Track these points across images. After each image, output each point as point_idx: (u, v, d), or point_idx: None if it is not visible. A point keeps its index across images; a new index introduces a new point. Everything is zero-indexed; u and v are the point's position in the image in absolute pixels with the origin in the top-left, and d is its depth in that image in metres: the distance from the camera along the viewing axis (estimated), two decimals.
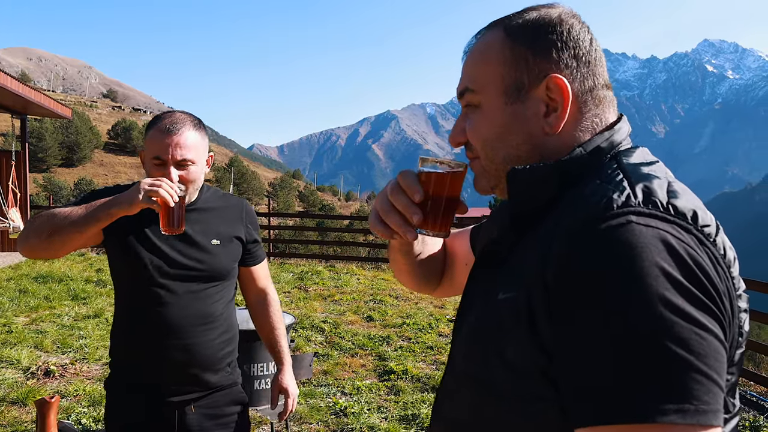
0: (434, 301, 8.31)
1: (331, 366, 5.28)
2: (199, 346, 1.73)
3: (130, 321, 1.76)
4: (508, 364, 0.73)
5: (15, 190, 10.09)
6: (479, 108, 0.85)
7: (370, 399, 4.54)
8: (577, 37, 0.82)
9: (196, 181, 1.73)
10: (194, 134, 1.70)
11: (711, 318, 0.62)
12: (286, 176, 60.80)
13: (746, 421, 4.68)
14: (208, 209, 1.81)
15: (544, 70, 0.80)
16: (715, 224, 0.71)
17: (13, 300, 7.13)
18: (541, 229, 0.76)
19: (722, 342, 0.62)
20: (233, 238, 1.83)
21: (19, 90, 9.36)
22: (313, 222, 22.46)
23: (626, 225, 0.65)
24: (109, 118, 61.60)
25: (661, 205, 0.68)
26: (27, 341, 5.56)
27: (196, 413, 1.75)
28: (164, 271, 1.71)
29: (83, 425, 3.86)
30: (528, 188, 0.80)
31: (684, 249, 0.64)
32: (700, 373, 0.59)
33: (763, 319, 5.51)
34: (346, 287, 8.94)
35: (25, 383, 4.57)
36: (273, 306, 1.99)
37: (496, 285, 0.78)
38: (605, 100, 0.83)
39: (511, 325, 0.72)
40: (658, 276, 0.61)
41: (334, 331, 6.39)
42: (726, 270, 0.68)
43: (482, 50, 0.85)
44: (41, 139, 38.02)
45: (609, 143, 0.80)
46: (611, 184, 0.72)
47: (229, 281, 1.84)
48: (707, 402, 0.58)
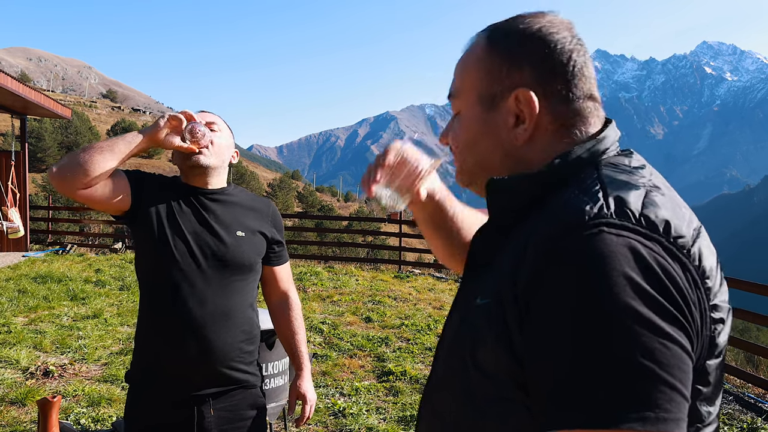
0: (433, 302, 8.32)
1: (329, 367, 5.28)
2: (217, 339, 1.71)
3: (151, 311, 1.77)
4: (481, 369, 0.75)
5: (14, 190, 10.08)
6: (461, 115, 0.90)
7: (368, 400, 4.55)
8: (555, 50, 0.82)
9: (221, 148, 1.81)
10: (220, 119, 1.87)
11: (677, 328, 0.63)
12: (285, 177, 60.79)
13: (744, 423, 4.69)
14: (235, 203, 1.85)
15: (516, 82, 0.83)
16: (692, 234, 0.71)
17: (12, 300, 7.13)
18: (518, 237, 0.77)
19: (688, 352, 0.63)
20: (257, 232, 1.85)
21: (19, 90, 9.36)
22: (312, 223, 22.46)
23: (597, 235, 0.66)
24: (108, 119, 61.55)
25: (633, 216, 0.69)
26: (26, 341, 5.56)
27: (215, 415, 1.73)
28: (187, 257, 1.72)
29: (82, 425, 3.87)
30: (505, 197, 0.83)
31: (653, 258, 0.65)
32: (663, 382, 0.60)
33: (761, 321, 5.52)
34: (344, 288, 8.95)
35: (24, 383, 4.57)
36: (294, 310, 2.00)
37: (475, 290, 0.81)
38: (586, 112, 0.84)
39: (484, 332, 0.74)
40: (624, 285, 0.63)
41: (333, 332, 6.39)
42: (699, 280, 0.68)
43: (466, 58, 0.89)
44: (41, 139, 37.95)
45: (590, 153, 0.81)
46: (586, 194, 0.72)
47: (252, 277, 1.84)
48: (669, 410, 0.59)
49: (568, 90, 0.82)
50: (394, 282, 9.74)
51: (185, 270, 1.71)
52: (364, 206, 55.02)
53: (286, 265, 2.00)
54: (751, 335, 15.38)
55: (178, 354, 1.70)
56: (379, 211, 1.00)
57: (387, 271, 11.31)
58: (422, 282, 10.02)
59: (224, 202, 1.82)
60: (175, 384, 1.72)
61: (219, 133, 1.82)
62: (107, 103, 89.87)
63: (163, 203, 1.76)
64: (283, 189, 50.02)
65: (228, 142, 1.85)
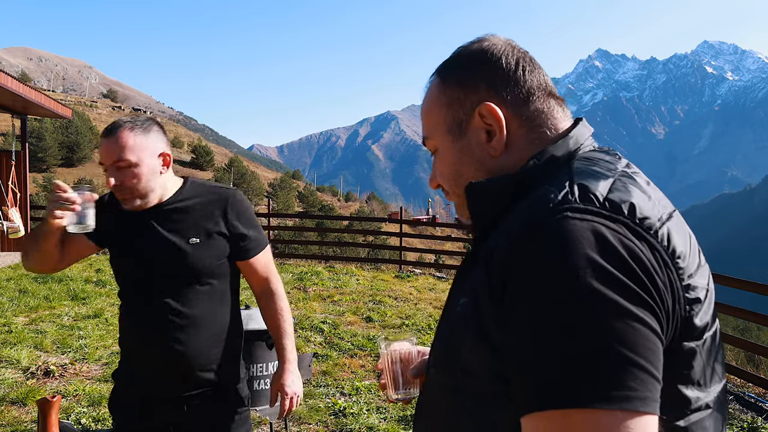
0: (433, 302, 8.32)
1: (330, 366, 5.29)
2: (184, 347, 1.72)
3: (121, 322, 1.84)
4: (466, 369, 0.76)
5: (15, 190, 10.09)
6: (437, 152, 0.93)
7: (369, 399, 4.55)
8: (501, 61, 0.86)
9: (141, 181, 1.69)
10: (130, 135, 1.67)
11: (642, 308, 0.64)
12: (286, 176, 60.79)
13: (744, 423, 4.69)
14: (186, 207, 1.77)
15: (476, 101, 0.86)
16: (659, 216, 0.72)
17: (13, 300, 7.13)
18: (494, 236, 0.78)
19: (655, 331, 0.64)
20: (215, 234, 1.77)
21: (20, 90, 9.36)
22: (313, 222, 22.46)
23: (561, 221, 0.67)
24: (109, 118, 61.53)
25: (597, 199, 0.70)
26: (27, 341, 5.57)
27: (190, 413, 1.77)
28: (139, 274, 1.74)
29: (83, 425, 3.87)
30: (483, 199, 0.85)
31: (618, 240, 0.66)
32: (628, 361, 0.61)
33: (762, 320, 5.52)
34: (345, 288, 8.95)
35: (24, 383, 4.58)
36: (276, 300, 1.91)
37: (458, 294, 0.84)
38: (549, 109, 0.87)
39: (465, 331, 0.76)
40: (587, 267, 0.64)
41: (334, 332, 6.40)
42: (669, 260, 0.69)
43: (426, 100, 0.94)
44: (41, 139, 37.97)
45: (564, 150, 0.83)
46: (554, 186, 0.74)
47: (218, 280, 1.79)
48: (634, 389, 0.60)
49: (525, 91, 0.85)
50: (394, 282, 9.74)
51: (141, 285, 1.75)
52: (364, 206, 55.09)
53: (262, 255, 1.88)
54: (752, 335, 15.38)
55: (147, 362, 1.76)
56: (405, 402, 1.15)
57: (388, 270, 11.32)
58: (423, 282, 10.03)
59: (175, 210, 1.76)
60: (151, 385, 1.77)
61: (134, 168, 1.67)
62: (108, 103, 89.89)
63: (115, 228, 1.78)
64: (283, 189, 50.01)
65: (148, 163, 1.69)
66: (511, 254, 0.70)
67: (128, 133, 1.68)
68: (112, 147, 1.66)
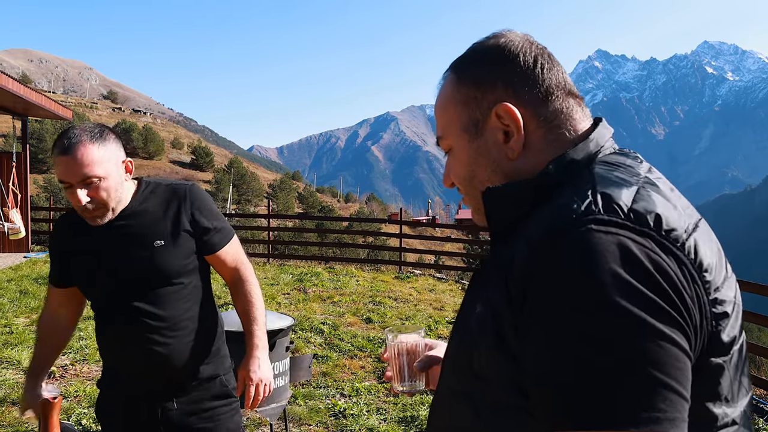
0: (433, 302, 8.32)
1: (330, 368, 5.29)
2: (166, 349, 1.72)
3: (97, 331, 1.85)
4: (481, 376, 0.75)
5: (16, 191, 10.10)
6: (452, 151, 0.91)
7: (369, 401, 4.55)
8: (519, 58, 0.83)
9: (111, 194, 1.66)
10: (93, 149, 1.61)
11: (670, 325, 0.62)
12: (286, 177, 60.79)
13: None
14: (144, 211, 1.74)
15: (492, 100, 0.83)
16: (686, 227, 0.69)
17: (14, 301, 7.14)
18: (513, 244, 0.76)
19: (684, 350, 0.62)
20: (181, 233, 1.73)
21: (20, 91, 9.37)
22: (313, 223, 22.47)
23: (585, 233, 0.65)
24: (109, 120, 61.54)
25: (622, 211, 0.67)
26: (27, 342, 5.57)
27: (179, 409, 1.78)
28: (110, 286, 1.74)
29: (83, 426, 3.88)
30: (502, 204, 0.83)
31: (645, 254, 0.64)
32: (657, 381, 0.59)
33: (763, 321, 5.52)
34: (345, 289, 8.95)
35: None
36: (245, 286, 1.86)
37: (475, 300, 0.81)
38: (568, 108, 0.84)
39: (482, 338, 0.74)
40: (613, 284, 0.61)
41: (334, 333, 6.40)
42: (696, 274, 0.66)
43: (441, 98, 0.91)
44: (42, 140, 37.97)
45: (585, 153, 0.80)
46: (577, 194, 0.71)
47: (189, 279, 1.77)
48: (664, 410, 0.58)
49: (544, 90, 0.83)
50: (394, 283, 9.75)
51: (113, 295, 1.74)
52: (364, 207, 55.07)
53: (230, 245, 1.84)
54: (753, 335, 15.37)
55: (130, 367, 1.78)
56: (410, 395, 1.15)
57: (387, 271, 11.31)
58: (423, 283, 10.03)
59: (132, 215, 1.73)
60: (136, 386, 1.79)
61: (102, 182, 1.63)
62: (108, 104, 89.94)
63: (75, 246, 1.77)
64: (283, 190, 50.02)
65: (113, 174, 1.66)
66: (532, 263, 0.68)
67: (90, 147, 1.60)
68: (77, 164, 1.59)
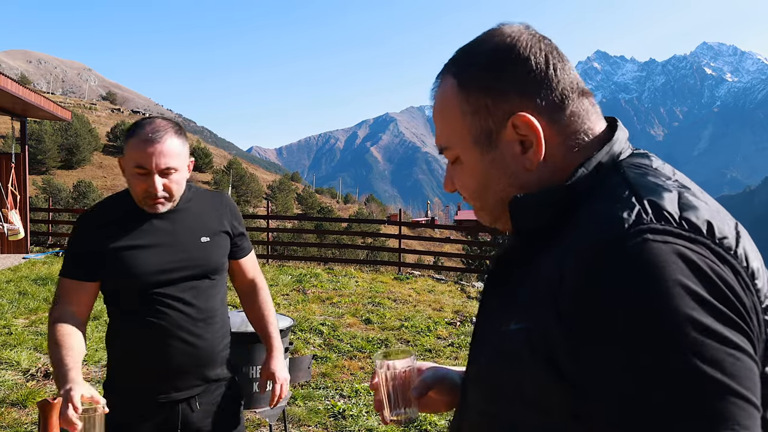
0: (432, 303, 8.33)
1: (329, 368, 5.30)
2: (202, 341, 1.77)
3: (128, 326, 1.79)
4: (527, 401, 0.70)
5: (15, 192, 10.10)
6: (461, 162, 0.84)
7: (368, 401, 4.55)
8: (530, 61, 0.77)
9: (179, 188, 1.75)
10: (176, 141, 1.69)
11: (741, 335, 0.60)
12: (285, 179, 60.80)
13: None
14: (192, 209, 1.83)
15: (507, 110, 0.77)
16: (734, 234, 0.67)
17: (13, 302, 7.14)
18: (550, 253, 0.72)
19: (754, 359, 0.61)
20: (221, 233, 1.86)
21: (19, 92, 9.38)
22: (312, 224, 22.47)
23: (642, 244, 0.62)
24: (108, 121, 61.49)
25: (674, 219, 0.65)
26: (27, 343, 5.58)
27: (201, 410, 1.80)
28: (160, 277, 1.75)
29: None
30: (531, 214, 0.78)
31: (706, 264, 0.61)
32: (736, 394, 0.57)
33: None
34: (344, 290, 8.95)
35: (25, 385, 4.59)
36: (262, 294, 2.00)
37: (507, 314, 0.75)
38: (583, 111, 0.79)
39: (526, 359, 0.69)
40: (683, 296, 0.59)
41: (333, 334, 6.40)
42: (750, 283, 0.64)
43: (442, 106, 0.83)
44: (41, 141, 37.92)
45: (610, 156, 0.77)
46: (620, 201, 0.68)
47: (221, 276, 1.87)
48: (747, 426, 0.57)
49: (559, 94, 0.77)
50: (393, 283, 9.75)
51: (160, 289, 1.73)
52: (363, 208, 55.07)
53: (252, 255, 1.99)
54: None
55: (162, 364, 1.74)
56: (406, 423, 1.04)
57: (386, 272, 11.33)
58: (422, 283, 10.04)
59: (182, 211, 1.81)
60: (159, 390, 1.76)
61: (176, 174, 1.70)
62: (107, 105, 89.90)
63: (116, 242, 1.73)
64: (282, 191, 50.01)
65: (183, 169, 1.74)
66: (588, 277, 0.64)
67: (176, 139, 1.69)
68: (162, 153, 1.65)
